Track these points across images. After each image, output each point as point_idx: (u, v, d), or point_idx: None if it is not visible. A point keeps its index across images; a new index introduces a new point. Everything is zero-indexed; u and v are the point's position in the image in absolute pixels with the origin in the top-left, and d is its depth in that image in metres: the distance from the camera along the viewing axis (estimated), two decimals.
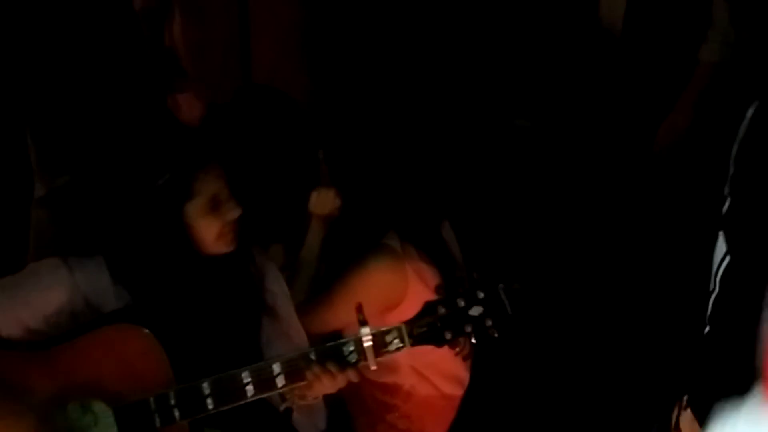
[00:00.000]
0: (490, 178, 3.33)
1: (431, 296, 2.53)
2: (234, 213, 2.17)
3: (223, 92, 3.13)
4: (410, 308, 2.52)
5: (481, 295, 2.10)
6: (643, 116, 3.24)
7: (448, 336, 2.10)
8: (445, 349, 2.14)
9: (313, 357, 2.09)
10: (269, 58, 3.21)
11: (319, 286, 2.63)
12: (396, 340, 2.10)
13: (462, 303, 2.10)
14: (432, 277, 2.55)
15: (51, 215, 3.11)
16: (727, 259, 1.88)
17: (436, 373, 2.61)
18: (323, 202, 2.61)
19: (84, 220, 2.31)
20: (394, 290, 2.53)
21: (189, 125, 3.01)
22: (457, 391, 2.68)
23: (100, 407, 2.06)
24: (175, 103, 3.05)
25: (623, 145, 3.27)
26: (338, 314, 2.56)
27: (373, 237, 2.59)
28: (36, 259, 2.63)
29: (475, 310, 2.09)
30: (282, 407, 2.22)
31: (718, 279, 1.90)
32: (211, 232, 2.16)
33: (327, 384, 2.08)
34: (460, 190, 3.04)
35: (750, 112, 1.87)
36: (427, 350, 2.15)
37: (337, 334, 2.61)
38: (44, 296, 2.12)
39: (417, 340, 2.10)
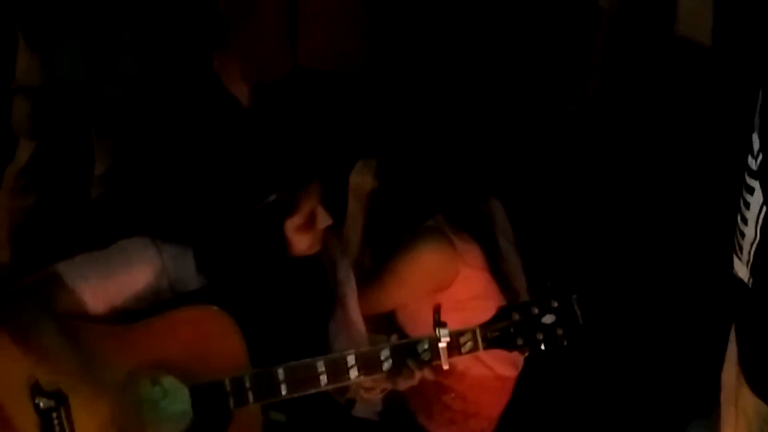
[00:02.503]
0: (552, 173, 3.34)
1: (480, 279, 2.60)
2: (326, 223, 2.22)
3: (271, 72, 3.14)
4: (460, 290, 2.58)
5: (555, 304, 2.13)
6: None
7: (520, 342, 2.14)
8: None
9: (387, 352, 2.13)
10: (317, 37, 3.20)
11: (367, 270, 2.67)
12: (469, 342, 2.14)
13: (536, 310, 2.13)
14: (480, 260, 2.59)
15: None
16: (765, 208, 1.89)
17: (489, 355, 2.63)
18: (363, 178, 2.63)
19: (176, 211, 2.32)
20: (443, 273, 2.58)
21: (239, 99, 3.03)
22: (512, 373, 2.71)
23: (172, 383, 2.10)
24: (220, 65, 3.06)
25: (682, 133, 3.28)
26: (389, 298, 2.62)
27: (418, 219, 2.63)
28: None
29: (548, 318, 2.13)
30: (344, 398, 2.27)
31: (758, 228, 1.91)
32: (305, 244, 2.21)
33: (398, 380, 2.13)
34: (524, 186, 3.04)
35: None
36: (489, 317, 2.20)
37: (389, 316, 2.68)
38: (132, 273, 2.15)
39: (490, 343, 2.15)
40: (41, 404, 2.07)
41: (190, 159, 2.35)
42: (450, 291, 2.59)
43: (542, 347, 2.14)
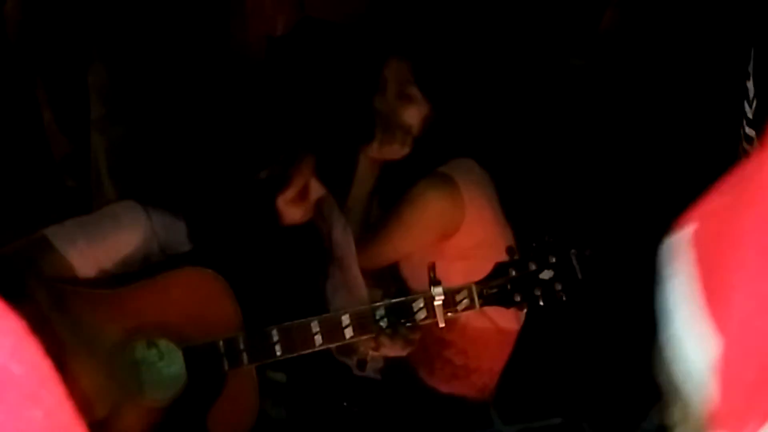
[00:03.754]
0: (552, 126, 3.29)
1: (486, 225, 2.57)
2: (318, 194, 2.18)
3: (280, 25, 3.09)
4: (467, 237, 2.55)
5: (553, 259, 2.10)
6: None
7: (518, 298, 2.11)
8: None
9: (382, 311, 2.11)
10: None
11: (372, 223, 2.63)
12: (465, 300, 2.11)
13: (533, 266, 2.10)
14: (490, 211, 2.55)
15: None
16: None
17: (491, 308, 2.63)
18: (389, 149, 2.57)
19: (169, 178, 2.28)
20: (449, 218, 2.54)
21: (253, 56, 2.98)
22: (513, 326, 2.69)
23: (167, 345, 2.09)
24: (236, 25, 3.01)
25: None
26: (395, 246, 2.58)
27: (427, 169, 2.58)
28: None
29: (546, 274, 2.10)
30: (355, 360, 2.25)
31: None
32: (296, 215, 2.18)
33: (393, 341, 2.10)
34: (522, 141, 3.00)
35: None
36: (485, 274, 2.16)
37: (394, 267, 2.65)
38: (122, 237, 2.13)
39: (486, 300, 2.12)
40: None
41: (191, 118, 2.28)
42: (455, 238, 2.55)
43: (541, 303, 2.11)
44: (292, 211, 2.16)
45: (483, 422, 2.85)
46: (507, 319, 2.66)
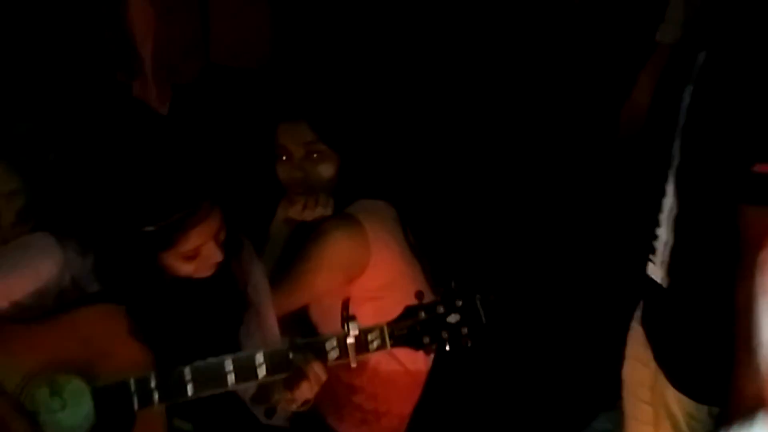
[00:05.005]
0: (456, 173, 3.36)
1: (393, 264, 2.61)
2: (215, 259, 2.13)
3: (185, 73, 3.13)
4: (374, 278, 2.59)
5: (459, 303, 2.15)
6: (601, 100, 3.29)
7: (426, 340, 2.15)
8: None
9: (296, 350, 2.12)
10: (228, 32, 3.20)
11: (281, 261, 2.65)
12: (377, 341, 2.14)
13: (441, 309, 2.15)
14: (397, 250, 2.59)
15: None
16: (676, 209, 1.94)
17: (400, 349, 2.66)
18: (311, 212, 2.61)
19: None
20: (355, 258, 2.57)
21: (157, 110, 3.00)
22: (422, 367, 2.71)
23: (74, 387, 2.06)
24: (139, 89, 3.04)
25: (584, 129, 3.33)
26: (302, 290, 2.59)
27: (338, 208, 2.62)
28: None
29: (453, 318, 2.15)
30: (263, 408, 2.25)
31: (671, 229, 1.96)
32: (187, 270, 2.13)
33: (307, 380, 2.12)
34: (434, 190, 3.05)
35: (701, 59, 1.88)
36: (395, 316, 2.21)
37: (303, 312, 2.68)
38: (34, 269, 2.11)
39: (397, 341, 2.15)
40: None
41: (90, 164, 2.26)
42: (362, 279, 2.59)
43: (447, 347, 2.16)
44: (181, 266, 2.11)
45: None
46: (415, 361, 2.69)
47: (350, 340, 2.12)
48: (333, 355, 2.13)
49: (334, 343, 2.13)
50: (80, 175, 2.21)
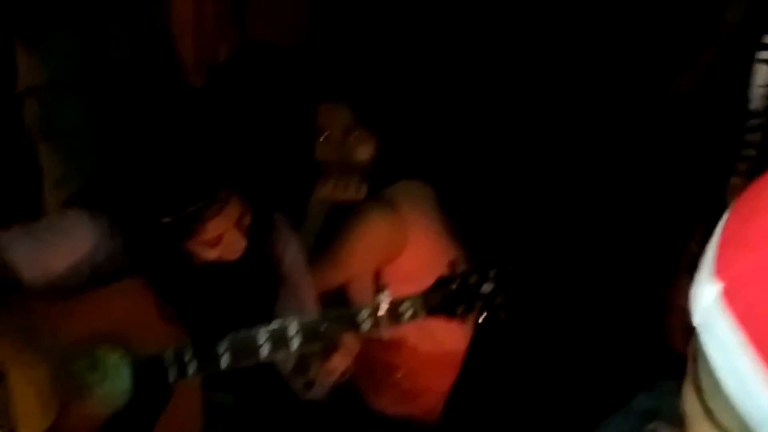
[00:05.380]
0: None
1: (429, 247, 2.61)
2: (238, 246, 2.14)
3: (221, 50, 3.14)
4: (411, 259, 2.59)
5: (493, 273, 2.14)
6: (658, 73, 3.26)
7: (460, 310, 2.15)
8: None
9: (328, 320, 2.13)
10: (266, 11, 3.21)
11: (319, 241, 2.66)
12: (410, 311, 2.14)
13: (474, 280, 2.14)
14: (433, 231, 2.59)
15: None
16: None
17: (438, 328, 2.64)
18: (343, 193, 2.63)
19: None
20: (392, 240, 2.58)
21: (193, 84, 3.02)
22: (460, 346, 2.71)
23: (111, 360, 2.08)
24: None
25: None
26: (339, 268, 2.60)
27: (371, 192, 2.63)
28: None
29: (486, 288, 2.14)
30: (303, 381, 2.26)
31: None
32: (212, 256, 2.14)
33: (340, 351, 2.12)
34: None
35: None
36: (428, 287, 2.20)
37: (341, 291, 2.68)
38: (69, 245, 2.13)
39: (430, 311, 2.15)
40: None
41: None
42: (399, 261, 2.59)
43: (481, 316, 2.15)
44: (206, 252, 2.12)
45: None
46: (453, 340, 2.69)
47: (382, 311, 2.11)
48: (365, 325, 2.13)
49: (367, 313, 2.13)
50: (102, 163, 2.23)
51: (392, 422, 2.69)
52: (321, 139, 2.66)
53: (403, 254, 2.59)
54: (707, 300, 0.88)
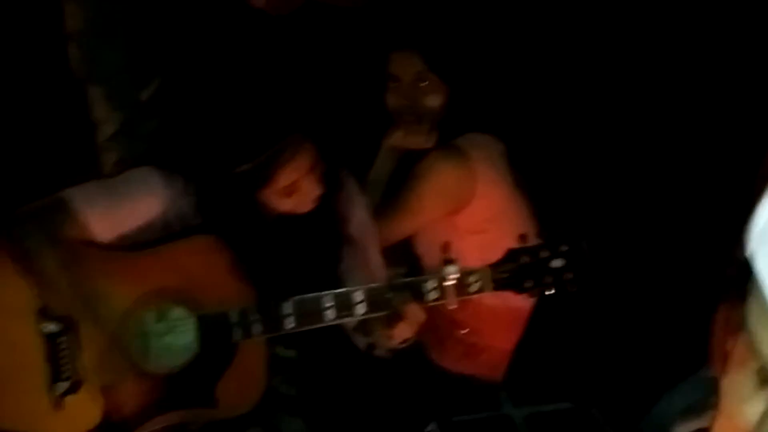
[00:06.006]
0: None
1: (499, 198, 2.57)
2: (314, 192, 2.14)
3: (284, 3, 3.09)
4: (479, 210, 2.56)
5: (565, 248, 2.10)
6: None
7: (528, 284, 2.12)
8: None
9: (395, 290, 2.12)
10: None
11: (386, 192, 2.64)
12: (478, 283, 2.12)
13: (545, 254, 2.11)
14: (503, 184, 2.56)
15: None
16: None
17: None
18: (414, 140, 2.59)
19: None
20: (460, 189, 2.56)
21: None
22: (525, 305, 2.68)
23: (178, 315, 2.11)
24: None
25: None
26: (407, 219, 2.59)
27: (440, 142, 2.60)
28: None
29: (557, 263, 2.10)
30: (365, 343, 2.26)
31: None
32: (286, 206, 2.15)
33: (404, 320, 2.11)
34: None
35: None
36: (496, 257, 2.17)
37: (408, 245, 2.66)
38: (140, 202, 2.14)
39: (498, 284, 2.13)
40: (47, 329, 2.09)
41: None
42: (467, 212, 2.57)
43: (550, 291, 2.11)
44: (282, 202, 2.13)
45: (492, 404, 2.86)
46: (518, 299, 2.65)
47: (449, 283, 2.09)
48: (431, 296, 2.12)
49: (434, 284, 2.12)
50: (174, 114, 2.22)
51: (455, 379, 2.68)
52: (392, 87, 2.63)
53: (471, 204, 2.57)
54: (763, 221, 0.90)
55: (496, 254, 2.15)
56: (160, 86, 3.03)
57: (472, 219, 2.57)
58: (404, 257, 2.71)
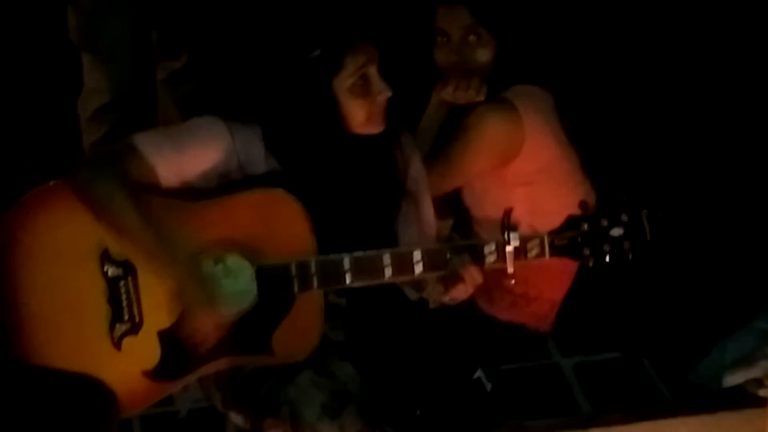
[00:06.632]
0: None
1: (549, 150, 2.56)
2: (384, 95, 2.16)
3: None
4: (528, 161, 2.57)
5: (625, 217, 2.11)
6: None
7: (586, 252, 2.13)
8: (563, 214, 2.16)
9: (454, 251, 2.13)
10: None
11: (435, 145, 2.64)
12: (536, 249, 2.14)
13: (605, 223, 2.11)
14: (552, 136, 2.56)
15: (174, 95, 3.11)
16: None
17: None
18: (464, 95, 2.57)
19: (226, 89, 2.29)
20: (509, 141, 2.55)
21: None
22: None
23: (237, 262, 2.13)
24: None
25: None
26: (456, 170, 2.60)
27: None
28: None
29: (616, 231, 2.11)
30: (417, 296, 2.29)
31: None
32: (360, 114, 2.16)
33: (463, 283, 2.13)
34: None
35: None
36: (545, 209, 2.19)
37: (456, 194, 2.66)
38: (204, 149, 2.15)
39: (556, 251, 2.14)
40: (110, 272, 2.12)
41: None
42: (516, 163, 2.57)
43: (607, 259, 2.12)
44: (354, 105, 2.14)
45: (540, 353, 2.90)
46: None
47: (509, 249, 2.11)
48: (490, 259, 2.14)
49: (493, 247, 2.14)
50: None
51: (504, 328, 2.71)
52: (440, 42, 2.60)
53: (519, 156, 2.56)
54: None
55: (544, 206, 2.18)
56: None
57: (521, 171, 2.58)
58: (453, 209, 2.72)
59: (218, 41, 2.50)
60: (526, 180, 2.57)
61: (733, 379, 2.88)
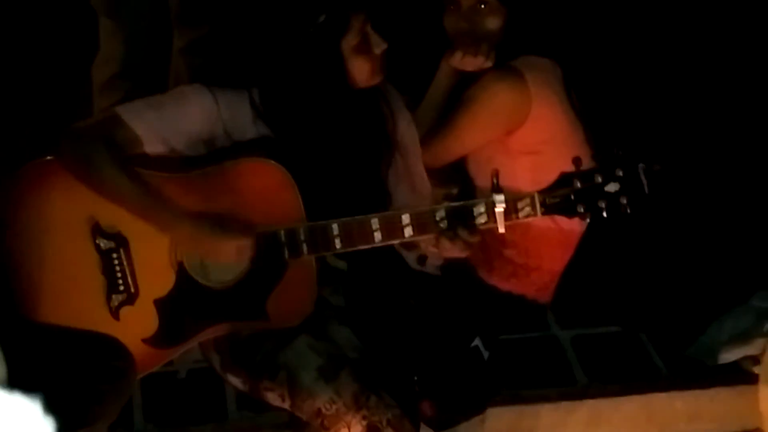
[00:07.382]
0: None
1: (555, 120, 2.54)
2: (382, 47, 2.18)
3: None
4: (533, 131, 2.54)
5: (620, 172, 2.06)
6: None
7: (581, 209, 2.10)
8: None
9: (443, 213, 2.11)
10: None
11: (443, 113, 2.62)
12: (527, 208, 2.11)
13: (599, 179, 2.07)
14: (558, 107, 2.54)
15: (190, 65, 3.11)
16: None
17: None
18: (472, 61, 2.55)
19: (232, 57, 2.29)
20: (515, 109, 2.53)
21: None
22: (576, 227, 2.66)
23: None
24: None
25: None
26: (461, 138, 2.58)
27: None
28: None
29: (612, 187, 2.07)
30: (415, 255, 2.29)
31: None
32: (366, 68, 2.18)
33: (453, 243, 2.11)
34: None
35: None
36: (549, 180, 2.16)
37: (461, 166, 2.65)
38: (189, 117, 2.16)
39: (549, 209, 2.11)
40: (102, 245, 2.14)
41: None
42: (520, 132, 2.55)
43: (604, 215, 2.08)
44: (358, 62, 2.17)
45: (539, 324, 2.88)
46: (571, 221, 2.62)
47: (498, 209, 2.08)
48: (480, 220, 2.11)
49: (482, 208, 2.11)
50: None
51: (503, 297, 2.68)
52: (450, 9, 2.59)
53: (525, 125, 2.54)
54: None
55: (549, 176, 2.13)
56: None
57: (526, 140, 2.55)
58: (457, 177, 2.70)
59: (237, 11, 2.49)
60: (530, 149, 2.54)
61: (729, 356, 2.86)
